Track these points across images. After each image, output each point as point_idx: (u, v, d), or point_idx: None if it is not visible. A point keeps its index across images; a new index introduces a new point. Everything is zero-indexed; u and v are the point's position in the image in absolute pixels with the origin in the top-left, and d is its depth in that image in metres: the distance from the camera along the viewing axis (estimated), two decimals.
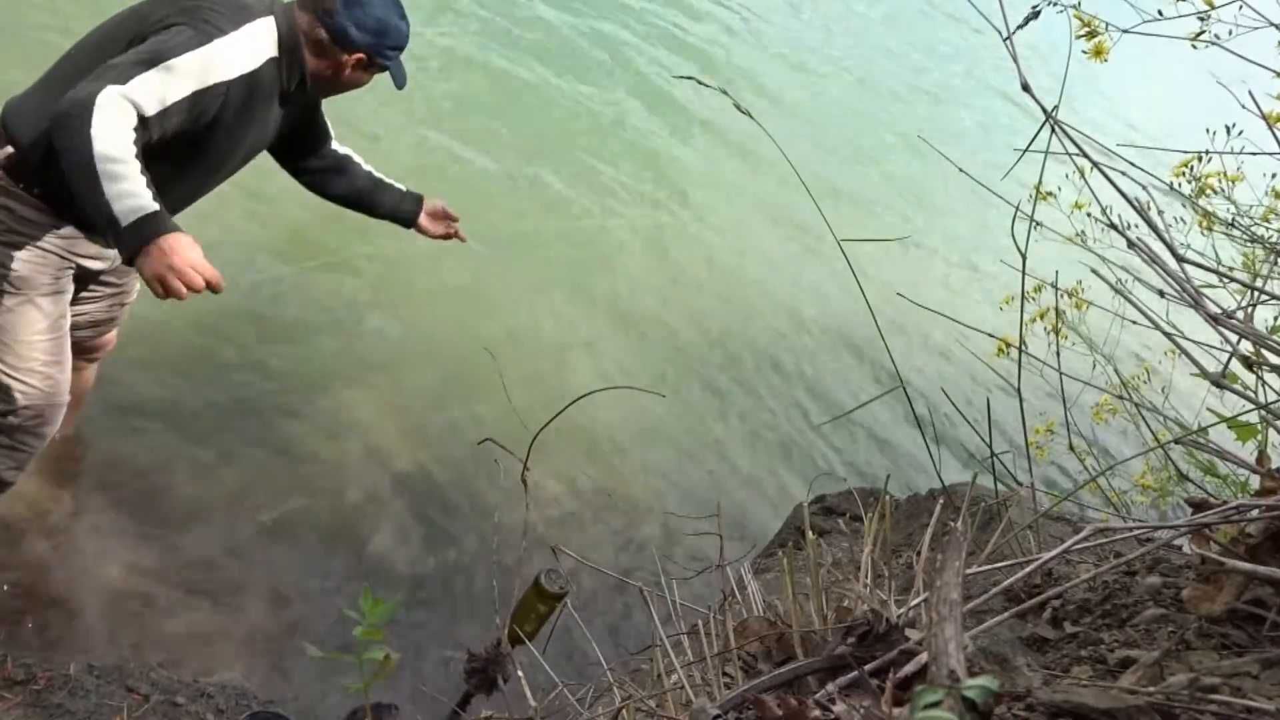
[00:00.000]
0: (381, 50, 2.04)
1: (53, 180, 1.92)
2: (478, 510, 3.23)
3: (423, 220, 2.47)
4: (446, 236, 2.50)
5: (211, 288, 1.69)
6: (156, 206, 1.64)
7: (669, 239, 5.43)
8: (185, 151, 1.92)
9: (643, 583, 1.45)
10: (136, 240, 1.63)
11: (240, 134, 2.00)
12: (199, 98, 1.81)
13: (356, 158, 2.40)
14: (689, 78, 1.81)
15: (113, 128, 1.63)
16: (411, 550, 3.04)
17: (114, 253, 2.15)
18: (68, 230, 2.01)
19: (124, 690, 2.16)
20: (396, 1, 2.05)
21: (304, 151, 2.33)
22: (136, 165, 1.65)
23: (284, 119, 2.12)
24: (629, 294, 4.80)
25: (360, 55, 2.03)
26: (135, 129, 1.68)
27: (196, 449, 3.01)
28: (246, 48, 1.87)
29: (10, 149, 1.92)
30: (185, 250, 1.65)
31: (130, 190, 1.62)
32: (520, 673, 1.41)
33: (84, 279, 2.15)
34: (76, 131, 1.61)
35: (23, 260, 1.97)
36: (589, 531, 3.38)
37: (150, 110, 1.72)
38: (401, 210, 2.46)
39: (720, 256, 5.53)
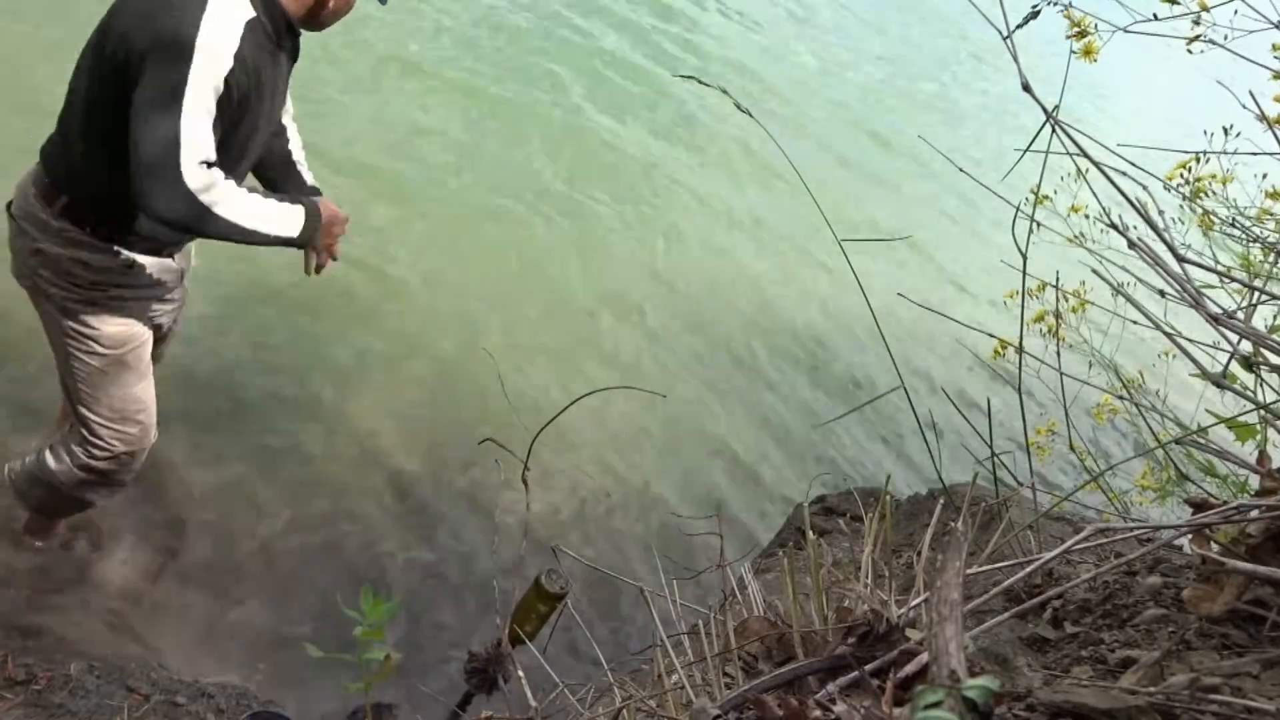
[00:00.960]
0: None
1: (110, 218, 1.94)
2: (478, 510, 3.24)
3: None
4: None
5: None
6: (300, 204, 1.98)
7: (669, 241, 5.43)
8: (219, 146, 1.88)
9: (643, 583, 1.45)
10: (311, 235, 2.00)
11: (258, 108, 1.94)
12: (222, 105, 1.80)
13: (294, 130, 2.28)
14: (690, 77, 1.81)
15: (227, 195, 1.82)
16: (411, 550, 3.04)
17: (180, 267, 2.16)
18: (141, 270, 2.02)
19: (124, 690, 2.16)
20: None
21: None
22: (255, 196, 1.88)
23: (287, 73, 2.06)
24: (630, 295, 4.81)
25: None
26: (217, 172, 1.80)
27: (196, 449, 3.02)
28: (222, 27, 1.76)
29: (65, 198, 1.94)
30: (335, 214, 2.09)
31: (279, 214, 1.92)
32: (520, 673, 1.41)
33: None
34: (213, 223, 1.81)
35: (109, 321, 2.02)
36: (589, 531, 3.38)
37: (212, 153, 1.79)
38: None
39: (721, 258, 5.54)
